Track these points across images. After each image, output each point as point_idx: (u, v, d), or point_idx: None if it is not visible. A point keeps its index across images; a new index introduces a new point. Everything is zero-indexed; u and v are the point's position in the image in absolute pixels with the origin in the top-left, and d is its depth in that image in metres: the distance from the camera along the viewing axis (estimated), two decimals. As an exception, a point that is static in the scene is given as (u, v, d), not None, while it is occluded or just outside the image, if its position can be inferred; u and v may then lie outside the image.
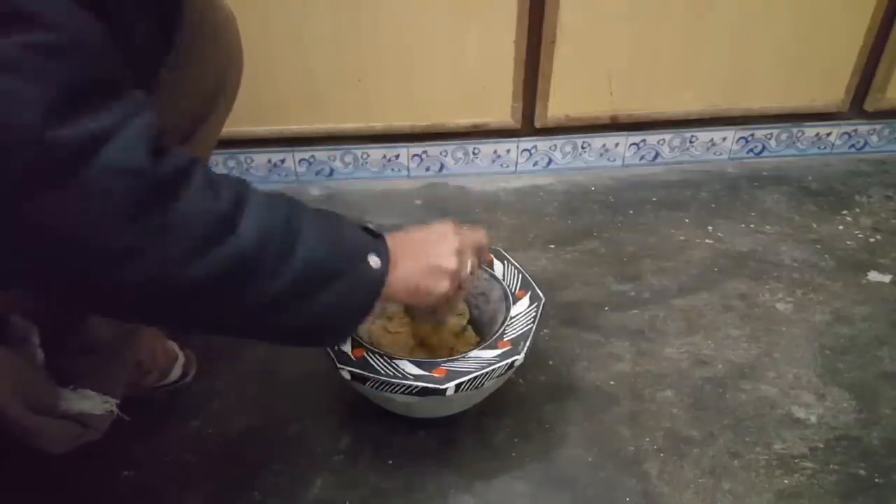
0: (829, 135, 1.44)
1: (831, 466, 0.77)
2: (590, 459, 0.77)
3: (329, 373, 0.88)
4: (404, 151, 1.33)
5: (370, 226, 0.58)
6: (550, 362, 0.91)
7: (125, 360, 0.65)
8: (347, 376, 0.69)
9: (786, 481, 0.75)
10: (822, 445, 0.79)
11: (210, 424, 0.82)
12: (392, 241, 0.61)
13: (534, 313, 0.76)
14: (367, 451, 0.78)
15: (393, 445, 0.79)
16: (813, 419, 0.83)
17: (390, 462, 0.77)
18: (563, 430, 0.81)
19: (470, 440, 0.80)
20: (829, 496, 0.73)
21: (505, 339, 0.73)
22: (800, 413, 0.84)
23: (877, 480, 0.75)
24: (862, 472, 0.76)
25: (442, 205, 1.28)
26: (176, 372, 0.85)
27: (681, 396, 0.86)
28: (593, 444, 0.79)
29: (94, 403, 0.58)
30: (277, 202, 0.51)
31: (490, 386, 0.72)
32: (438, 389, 0.66)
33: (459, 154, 1.35)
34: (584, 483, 0.75)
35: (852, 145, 1.46)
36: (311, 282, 0.51)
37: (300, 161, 1.32)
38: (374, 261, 0.55)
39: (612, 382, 0.88)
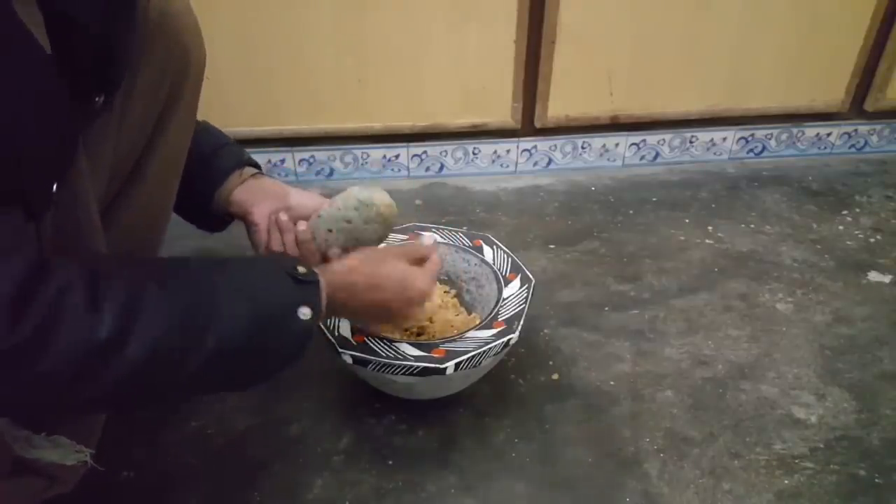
0: (829, 135, 1.44)
1: (831, 467, 0.77)
2: (590, 460, 0.77)
3: (329, 373, 0.88)
4: (404, 151, 1.33)
5: (302, 270, 0.56)
6: (550, 362, 0.91)
7: None
8: (349, 360, 0.70)
9: (786, 481, 0.75)
10: (822, 446, 0.79)
11: (210, 424, 0.82)
12: (352, 278, 0.63)
13: (525, 294, 0.79)
14: (367, 451, 0.78)
15: (393, 445, 0.79)
16: (813, 419, 0.83)
17: (390, 462, 0.77)
18: (563, 430, 0.81)
19: (470, 440, 0.80)
20: (829, 496, 0.73)
21: (499, 320, 0.76)
22: (800, 413, 0.84)
23: (877, 480, 0.75)
24: (862, 472, 0.76)
25: (442, 205, 1.28)
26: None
27: (681, 396, 0.86)
28: (593, 444, 0.79)
29: (65, 453, 0.54)
30: (181, 293, 0.48)
31: (487, 364, 0.75)
32: (439, 369, 0.69)
33: (459, 154, 1.35)
34: (584, 483, 0.75)
35: (852, 145, 1.46)
36: (230, 357, 0.50)
37: (300, 161, 1.32)
38: (304, 312, 0.54)
39: (612, 382, 0.88)
